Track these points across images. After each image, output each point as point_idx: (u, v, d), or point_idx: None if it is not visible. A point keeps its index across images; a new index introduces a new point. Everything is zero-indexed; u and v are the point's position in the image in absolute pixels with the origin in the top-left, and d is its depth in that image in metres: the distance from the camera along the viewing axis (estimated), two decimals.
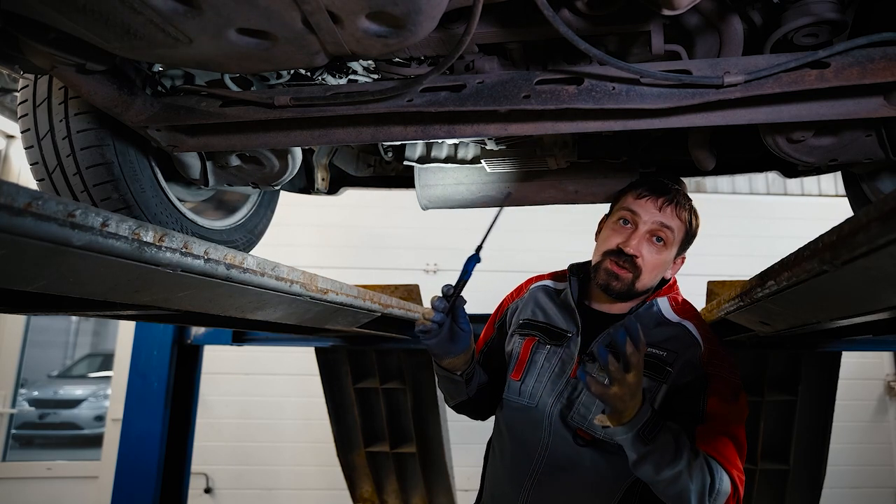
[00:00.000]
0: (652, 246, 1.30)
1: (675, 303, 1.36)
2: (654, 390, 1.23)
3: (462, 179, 2.03)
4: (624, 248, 1.29)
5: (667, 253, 1.32)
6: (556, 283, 1.52)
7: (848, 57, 1.01)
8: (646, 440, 1.10)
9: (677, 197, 1.33)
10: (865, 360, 5.16)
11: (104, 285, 0.78)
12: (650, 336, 1.28)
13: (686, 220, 1.33)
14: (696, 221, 1.37)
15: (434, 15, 0.90)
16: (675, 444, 1.11)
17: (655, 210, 1.30)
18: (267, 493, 4.91)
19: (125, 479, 2.64)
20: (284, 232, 3.76)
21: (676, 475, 1.10)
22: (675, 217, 1.31)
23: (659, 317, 1.33)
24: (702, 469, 1.12)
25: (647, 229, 1.30)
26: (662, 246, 1.31)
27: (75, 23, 0.89)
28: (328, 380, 2.98)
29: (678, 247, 1.35)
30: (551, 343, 1.37)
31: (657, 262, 1.31)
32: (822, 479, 2.67)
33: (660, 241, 1.30)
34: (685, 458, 1.10)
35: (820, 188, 5.58)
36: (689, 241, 1.37)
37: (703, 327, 1.31)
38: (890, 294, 0.74)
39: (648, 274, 1.31)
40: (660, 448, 1.10)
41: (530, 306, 1.47)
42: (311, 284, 1.21)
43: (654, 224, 1.30)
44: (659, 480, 1.12)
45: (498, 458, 1.40)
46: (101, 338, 11.74)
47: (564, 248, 5.07)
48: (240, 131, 1.30)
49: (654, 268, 1.32)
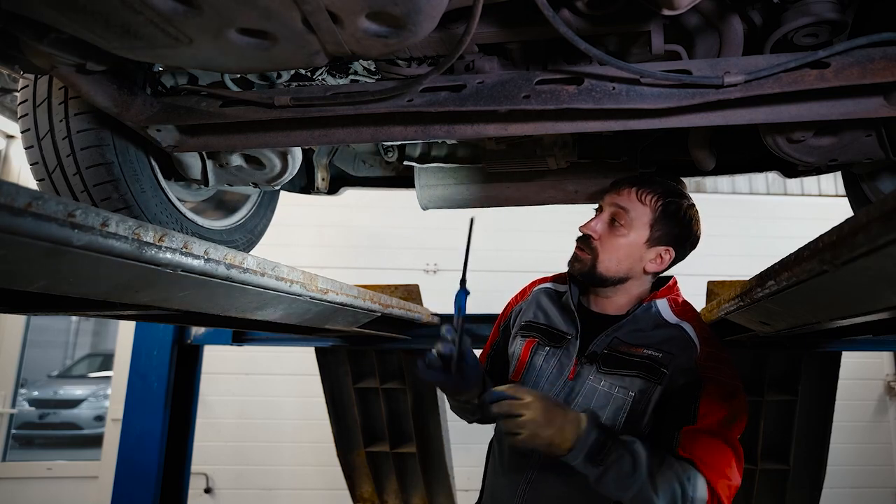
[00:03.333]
0: (610, 228, 1.32)
1: (675, 304, 1.36)
2: (648, 392, 1.23)
3: (462, 179, 2.02)
4: (581, 229, 1.34)
5: (630, 235, 1.30)
6: (557, 286, 1.53)
7: (848, 57, 1.01)
8: (597, 461, 1.11)
9: (645, 184, 1.33)
10: (865, 360, 5.15)
11: (104, 285, 0.78)
12: (647, 337, 1.29)
13: (652, 203, 1.31)
14: (674, 209, 1.32)
15: (434, 15, 0.90)
16: (633, 460, 1.10)
17: (615, 194, 1.35)
18: (267, 493, 4.91)
19: (125, 479, 2.63)
20: (284, 232, 3.76)
21: (638, 489, 1.09)
22: (633, 200, 1.31)
23: (657, 318, 1.32)
24: (671, 480, 1.09)
25: (607, 213, 1.33)
26: (621, 227, 1.31)
27: (75, 23, 0.89)
28: (328, 380, 2.98)
29: (647, 232, 1.31)
30: (551, 345, 1.38)
31: (615, 243, 1.31)
32: (822, 479, 2.67)
33: (615, 223, 1.32)
34: (644, 473, 1.09)
35: (820, 188, 5.58)
36: (669, 230, 1.32)
37: (701, 329, 1.30)
38: (890, 294, 0.74)
39: (608, 255, 1.31)
40: (614, 466, 1.10)
41: (532, 308, 1.48)
42: (311, 284, 1.21)
43: (612, 206, 1.33)
44: (623, 497, 1.12)
45: (497, 459, 1.41)
46: (101, 338, 11.74)
47: (564, 249, 5.10)
48: (240, 131, 1.30)
49: (614, 249, 1.31)
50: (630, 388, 1.24)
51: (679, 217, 1.33)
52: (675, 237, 1.33)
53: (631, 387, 1.24)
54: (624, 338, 1.30)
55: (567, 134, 1.74)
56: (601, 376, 1.27)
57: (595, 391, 1.27)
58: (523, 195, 2.03)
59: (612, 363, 1.27)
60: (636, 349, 1.27)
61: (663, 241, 1.33)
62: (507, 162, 1.86)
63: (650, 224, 1.31)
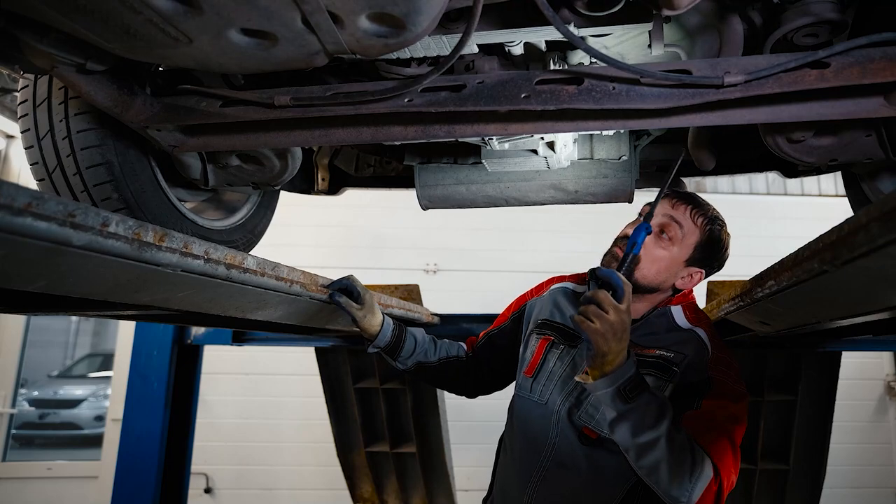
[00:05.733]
0: (657, 239, 1.33)
1: (690, 311, 1.37)
2: (660, 390, 1.23)
3: (462, 179, 2.02)
4: (627, 232, 1.33)
5: (673, 249, 1.32)
6: (575, 286, 1.54)
7: (848, 57, 1.01)
8: (626, 398, 1.08)
9: (699, 205, 1.35)
10: (865, 360, 5.16)
11: (104, 285, 0.78)
12: (660, 340, 1.31)
13: (702, 226, 1.33)
14: (717, 236, 1.34)
15: (434, 15, 0.90)
16: (659, 409, 1.09)
17: (669, 207, 1.35)
18: (267, 493, 4.91)
19: (125, 479, 2.64)
20: (284, 232, 3.76)
21: (653, 441, 1.06)
22: (686, 217, 1.33)
23: (670, 323, 1.34)
24: (683, 447, 1.08)
25: (657, 221, 1.34)
26: (668, 241, 1.32)
27: (75, 23, 0.89)
28: (328, 380, 2.98)
29: (690, 250, 1.33)
30: (565, 344, 1.39)
31: (659, 255, 1.32)
32: (822, 479, 2.67)
33: (664, 235, 1.32)
34: (666, 427, 1.07)
35: (820, 188, 5.58)
36: (707, 254, 1.35)
37: (713, 336, 1.32)
38: (890, 294, 0.74)
39: (648, 265, 1.31)
40: (640, 408, 1.08)
41: (549, 307, 1.50)
42: (311, 284, 1.21)
43: (664, 218, 1.34)
44: (635, 445, 1.09)
45: (508, 454, 1.42)
46: (101, 338, 11.76)
47: (565, 249, 5.10)
48: (240, 131, 1.30)
49: (655, 260, 1.32)
50: None
51: (719, 244, 1.36)
52: (708, 261, 1.37)
53: None
54: (637, 340, 1.30)
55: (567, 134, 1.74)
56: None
57: None
58: (523, 195, 2.03)
59: None
60: (648, 350, 1.29)
61: (698, 263, 1.36)
62: (507, 162, 1.85)
63: (694, 245, 1.34)
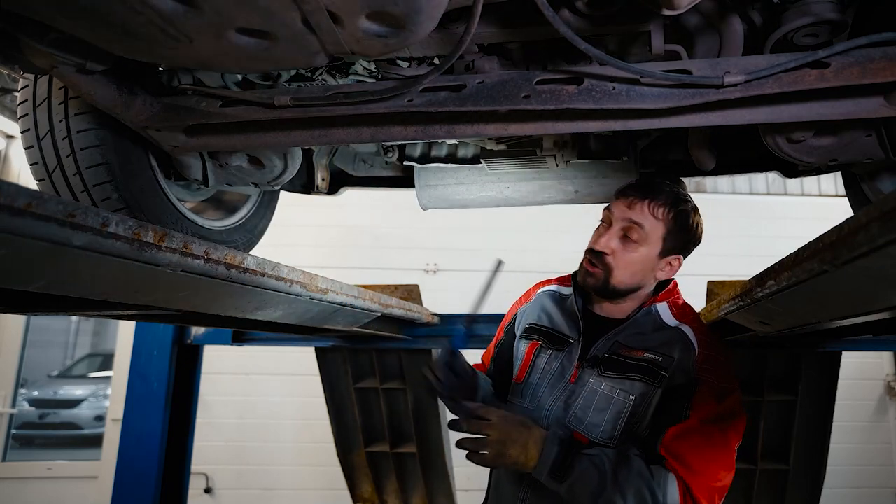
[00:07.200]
0: (625, 243, 1.30)
1: (675, 307, 1.36)
2: (649, 395, 1.24)
3: (462, 179, 2.03)
4: (593, 247, 1.32)
5: (642, 250, 1.30)
6: (561, 288, 1.53)
7: (848, 57, 1.01)
8: (560, 477, 1.16)
9: (655, 195, 1.30)
10: (865, 360, 5.16)
11: (104, 285, 0.78)
12: (647, 340, 1.30)
13: (665, 217, 1.29)
14: (684, 220, 1.32)
15: (434, 15, 0.90)
16: (598, 473, 1.15)
17: (625, 208, 1.31)
18: (267, 493, 4.90)
19: (125, 479, 2.63)
20: (284, 232, 3.75)
21: (608, 500, 1.13)
22: (646, 214, 1.29)
23: (657, 321, 1.33)
24: (640, 488, 1.13)
25: (618, 227, 1.31)
26: (635, 243, 1.29)
27: (75, 23, 0.89)
28: (328, 380, 2.98)
29: (659, 245, 1.30)
30: (553, 347, 1.39)
31: (630, 259, 1.30)
32: (822, 479, 2.66)
33: (628, 238, 1.30)
34: (609, 484, 1.13)
35: (820, 188, 5.58)
36: (680, 239, 1.32)
37: (700, 331, 1.31)
38: (890, 294, 0.74)
39: (622, 271, 1.30)
40: (579, 481, 1.15)
41: (536, 311, 1.49)
42: (311, 284, 1.21)
43: (624, 221, 1.30)
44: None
45: None
46: (101, 338, 11.76)
47: (564, 249, 5.09)
48: (240, 131, 1.30)
49: (628, 265, 1.30)
50: (630, 391, 1.25)
51: (688, 226, 1.33)
52: (682, 245, 1.34)
53: (631, 390, 1.25)
54: (624, 341, 1.30)
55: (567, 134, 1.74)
56: (602, 380, 1.28)
57: (596, 394, 1.27)
58: (523, 195, 2.03)
59: (613, 367, 1.28)
60: (637, 352, 1.28)
61: (674, 251, 1.33)
62: (507, 162, 1.86)
63: (663, 237, 1.31)
